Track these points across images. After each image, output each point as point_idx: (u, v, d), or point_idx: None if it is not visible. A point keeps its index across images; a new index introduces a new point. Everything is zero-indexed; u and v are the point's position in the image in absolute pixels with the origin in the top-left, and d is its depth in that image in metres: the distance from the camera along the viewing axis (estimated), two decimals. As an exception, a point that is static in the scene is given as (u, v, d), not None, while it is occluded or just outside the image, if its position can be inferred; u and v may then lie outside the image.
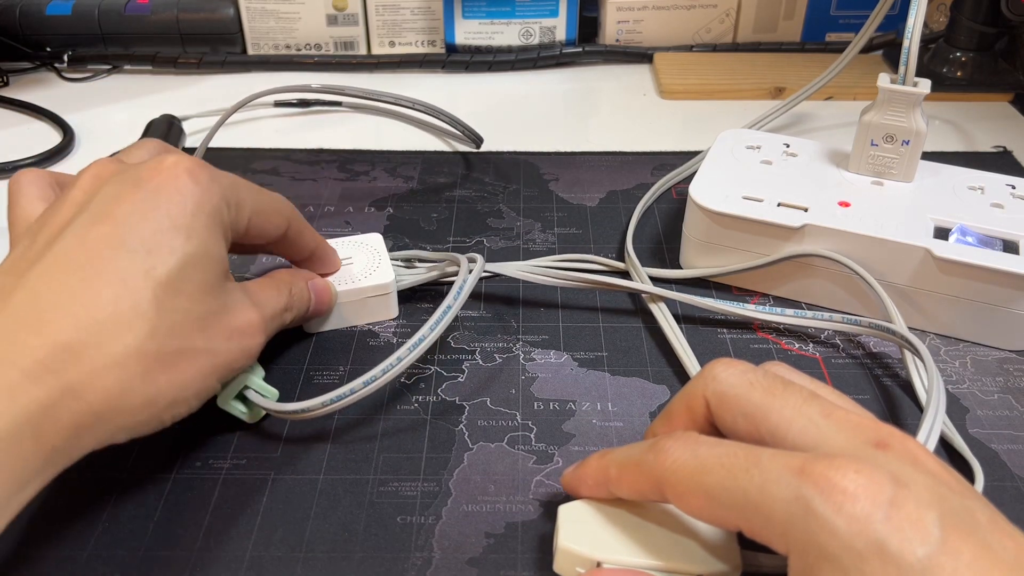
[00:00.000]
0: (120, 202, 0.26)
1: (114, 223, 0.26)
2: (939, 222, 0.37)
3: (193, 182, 0.27)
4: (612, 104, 0.59)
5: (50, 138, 0.54)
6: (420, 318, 0.38)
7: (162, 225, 0.26)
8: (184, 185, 0.27)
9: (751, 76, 0.59)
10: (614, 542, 0.24)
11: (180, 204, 0.27)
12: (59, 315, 0.24)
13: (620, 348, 0.36)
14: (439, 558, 0.27)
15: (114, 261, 0.25)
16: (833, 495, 0.19)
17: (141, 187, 0.27)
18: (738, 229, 0.38)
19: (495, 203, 0.46)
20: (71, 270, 0.25)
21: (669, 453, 0.23)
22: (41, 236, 0.26)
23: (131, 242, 0.26)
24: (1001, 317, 0.35)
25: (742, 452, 0.22)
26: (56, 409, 0.23)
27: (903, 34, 0.37)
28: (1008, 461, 0.31)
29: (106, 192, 0.27)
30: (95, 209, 0.26)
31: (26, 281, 0.25)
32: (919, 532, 0.19)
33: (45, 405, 0.23)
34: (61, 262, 0.25)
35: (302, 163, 0.50)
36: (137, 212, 0.26)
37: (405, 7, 0.62)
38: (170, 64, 0.62)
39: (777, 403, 0.23)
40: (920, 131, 0.38)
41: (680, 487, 0.22)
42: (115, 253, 0.25)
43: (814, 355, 0.36)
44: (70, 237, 0.26)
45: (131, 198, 0.26)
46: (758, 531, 0.21)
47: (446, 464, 0.31)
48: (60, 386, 0.24)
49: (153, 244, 0.26)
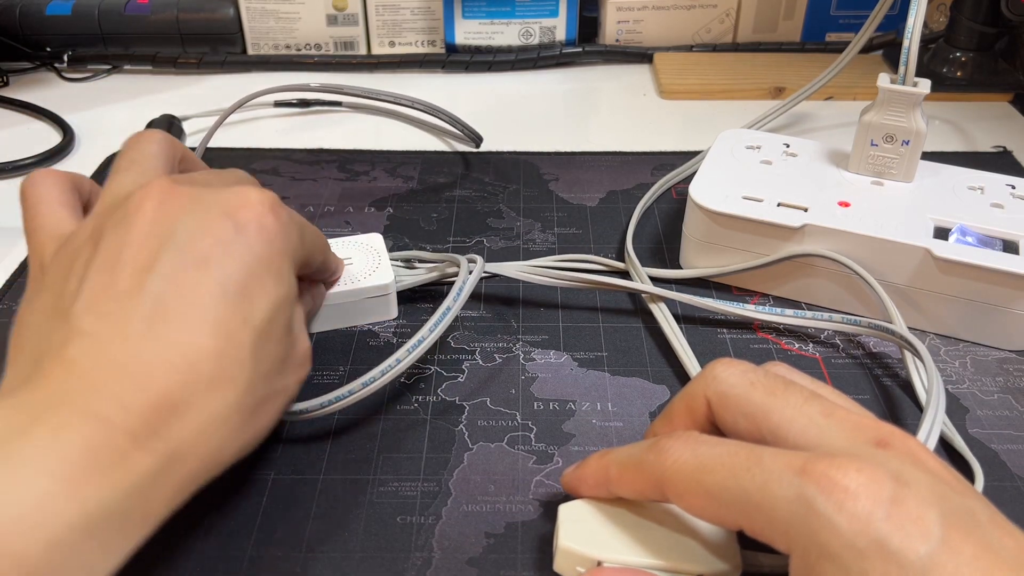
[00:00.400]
0: (211, 240, 0.24)
1: (209, 265, 0.24)
2: (939, 222, 0.37)
3: (277, 220, 0.26)
4: (612, 104, 0.59)
5: (50, 138, 0.54)
6: (420, 318, 0.38)
7: (256, 268, 0.25)
8: (271, 224, 0.25)
9: (751, 76, 0.59)
10: (614, 541, 0.24)
11: (269, 244, 0.25)
12: (163, 369, 0.22)
13: (620, 348, 0.36)
14: (439, 558, 0.27)
15: (215, 309, 0.23)
16: (834, 494, 0.19)
17: (229, 224, 0.25)
18: (738, 229, 0.38)
19: (495, 203, 0.46)
20: (170, 318, 0.23)
21: (670, 452, 0.23)
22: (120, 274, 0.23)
23: (229, 288, 0.24)
24: (1001, 317, 0.35)
25: (743, 451, 0.22)
26: (161, 478, 0.22)
27: (903, 34, 0.37)
28: (1008, 461, 0.31)
29: (189, 226, 0.24)
30: (184, 246, 0.24)
31: (120, 328, 0.22)
32: (920, 530, 0.19)
33: (154, 474, 0.21)
34: (158, 309, 0.23)
35: (302, 163, 0.50)
36: (232, 254, 0.24)
37: (405, 7, 0.62)
38: (170, 64, 0.62)
39: (778, 403, 0.23)
40: (920, 131, 0.38)
41: (681, 486, 0.22)
42: (215, 301, 0.23)
43: (814, 355, 0.36)
44: (162, 280, 0.23)
45: (222, 237, 0.24)
46: (759, 530, 0.21)
47: (446, 464, 0.31)
48: (167, 452, 0.22)
49: (249, 289, 0.24)
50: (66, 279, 0.24)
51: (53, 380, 0.22)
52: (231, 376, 0.23)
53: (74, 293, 0.23)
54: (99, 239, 0.24)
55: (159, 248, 0.24)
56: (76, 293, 0.23)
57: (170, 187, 0.25)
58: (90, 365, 0.22)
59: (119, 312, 0.23)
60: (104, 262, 0.24)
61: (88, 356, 0.22)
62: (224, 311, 0.24)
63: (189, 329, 0.23)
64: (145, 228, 0.24)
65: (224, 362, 0.23)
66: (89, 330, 0.22)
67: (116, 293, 0.23)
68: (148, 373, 0.22)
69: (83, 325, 0.22)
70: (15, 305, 0.39)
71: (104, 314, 0.23)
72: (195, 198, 0.25)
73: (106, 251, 0.24)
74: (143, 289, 0.23)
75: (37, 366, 0.22)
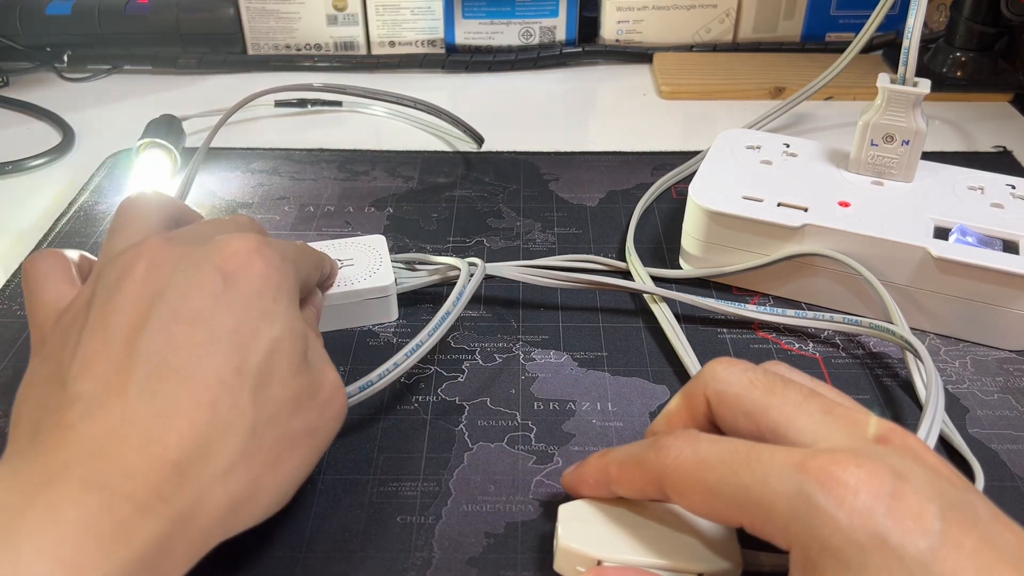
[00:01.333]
0: (200, 295, 0.24)
1: (199, 319, 0.23)
2: (939, 222, 0.37)
3: (267, 264, 0.25)
4: (612, 104, 0.59)
5: (50, 138, 0.54)
6: (421, 320, 0.38)
7: (246, 316, 0.24)
8: (259, 269, 0.25)
9: (751, 76, 0.59)
10: (614, 541, 0.24)
11: (259, 291, 0.25)
12: (161, 429, 0.22)
13: (620, 348, 0.36)
14: (439, 558, 0.27)
15: (207, 360, 0.23)
16: (834, 489, 0.19)
17: (218, 277, 0.24)
18: (738, 229, 0.38)
19: (495, 203, 0.46)
20: (164, 376, 0.22)
21: (670, 450, 0.23)
22: (113, 335, 0.23)
23: (221, 339, 0.23)
24: (1001, 317, 0.35)
25: (743, 448, 0.22)
26: (171, 541, 0.21)
27: (903, 34, 0.37)
28: (1008, 461, 0.31)
29: (179, 284, 0.24)
30: (174, 304, 0.24)
31: (116, 389, 0.22)
32: (920, 525, 0.19)
33: (160, 540, 0.21)
34: (152, 366, 0.22)
35: (302, 163, 0.50)
36: (221, 306, 0.24)
37: (405, 7, 0.62)
38: (170, 64, 0.62)
39: (777, 401, 0.23)
40: (920, 131, 0.38)
41: (681, 484, 0.22)
42: (206, 352, 0.23)
43: (814, 355, 0.36)
44: (155, 337, 0.23)
45: (211, 290, 0.24)
46: (760, 526, 0.21)
47: (446, 464, 0.31)
48: (173, 515, 0.21)
49: (241, 337, 0.24)
50: (63, 347, 0.24)
51: (51, 448, 0.21)
52: (231, 427, 0.23)
53: (70, 359, 0.23)
54: (92, 303, 0.24)
55: (149, 308, 0.23)
56: (72, 359, 0.23)
57: (160, 246, 0.25)
58: (88, 430, 0.21)
59: (114, 373, 0.22)
60: (97, 325, 0.23)
61: (85, 421, 0.21)
62: (217, 362, 0.23)
63: (184, 384, 0.22)
64: (136, 289, 0.24)
65: (222, 413, 0.23)
66: (85, 394, 0.22)
67: (110, 355, 0.23)
68: (146, 433, 0.21)
69: (79, 389, 0.22)
70: (15, 305, 0.39)
71: (99, 377, 0.22)
72: (184, 256, 0.25)
73: (99, 315, 0.24)
74: (136, 349, 0.23)
75: (35, 435, 0.22)
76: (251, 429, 0.23)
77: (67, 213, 0.45)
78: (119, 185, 0.48)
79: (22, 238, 0.44)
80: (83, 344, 0.23)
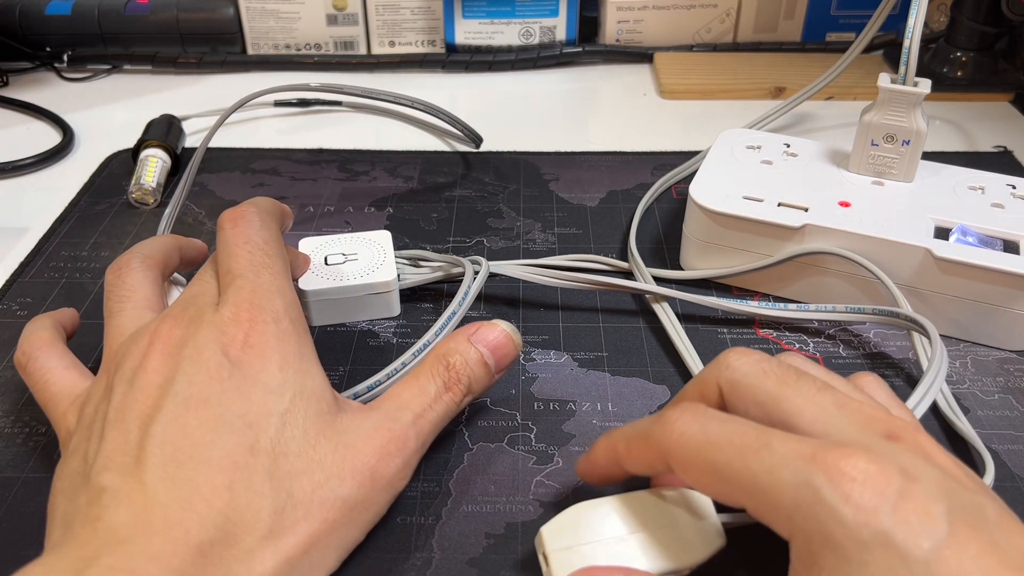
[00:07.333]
0: (208, 382, 0.24)
1: (209, 404, 0.24)
2: (939, 222, 0.37)
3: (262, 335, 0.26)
4: (612, 104, 0.59)
5: (50, 138, 0.54)
6: (421, 318, 0.38)
7: (256, 394, 0.25)
8: (257, 343, 0.25)
9: (751, 76, 0.59)
10: (601, 554, 0.24)
11: (263, 367, 0.25)
12: (183, 514, 0.22)
13: (620, 348, 0.36)
14: (439, 558, 0.27)
15: (219, 444, 0.23)
16: (842, 483, 0.19)
17: (224, 362, 0.25)
18: (738, 229, 0.38)
19: (495, 203, 0.46)
20: (180, 462, 0.23)
21: (676, 425, 0.23)
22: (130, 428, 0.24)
23: (230, 420, 0.24)
24: (1001, 317, 0.35)
25: (753, 432, 0.21)
26: None
27: (903, 34, 0.37)
28: (1008, 461, 0.31)
29: (188, 371, 0.25)
30: (184, 391, 0.24)
31: (136, 478, 0.23)
32: (926, 525, 0.19)
33: None
34: (167, 454, 0.23)
35: (302, 163, 0.50)
36: (229, 389, 0.24)
37: (405, 7, 0.62)
38: (170, 64, 0.62)
39: (790, 392, 0.23)
40: (920, 131, 0.38)
41: (686, 460, 0.22)
42: (218, 436, 0.24)
43: (815, 355, 0.36)
44: (168, 426, 0.23)
45: (217, 375, 0.25)
46: (762, 513, 0.21)
47: (446, 464, 0.31)
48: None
49: (251, 417, 0.24)
50: (88, 441, 0.25)
51: (81, 541, 0.22)
52: (251, 507, 0.23)
53: (94, 454, 0.24)
54: (111, 397, 0.25)
55: (161, 397, 0.24)
56: (96, 454, 0.24)
57: (166, 335, 0.26)
58: (114, 521, 0.22)
59: (134, 464, 0.23)
60: (116, 419, 0.24)
61: (111, 512, 0.22)
62: (229, 445, 0.23)
63: (199, 469, 0.23)
64: (149, 378, 0.25)
65: (239, 495, 0.23)
66: (110, 486, 0.23)
67: (129, 446, 0.23)
68: (169, 519, 0.22)
69: (104, 482, 0.23)
70: (15, 305, 0.39)
71: (120, 468, 0.23)
72: (189, 341, 0.25)
73: (117, 408, 0.25)
74: (151, 437, 0.23)
75: (67, 530, 0.23)
76: (273, 508, 0.23)
77: (67, 213, 0.45)
78: (119, 185, 0.48)
79: (22, 238, 0.44)
80: (105, 439, 0.24)
